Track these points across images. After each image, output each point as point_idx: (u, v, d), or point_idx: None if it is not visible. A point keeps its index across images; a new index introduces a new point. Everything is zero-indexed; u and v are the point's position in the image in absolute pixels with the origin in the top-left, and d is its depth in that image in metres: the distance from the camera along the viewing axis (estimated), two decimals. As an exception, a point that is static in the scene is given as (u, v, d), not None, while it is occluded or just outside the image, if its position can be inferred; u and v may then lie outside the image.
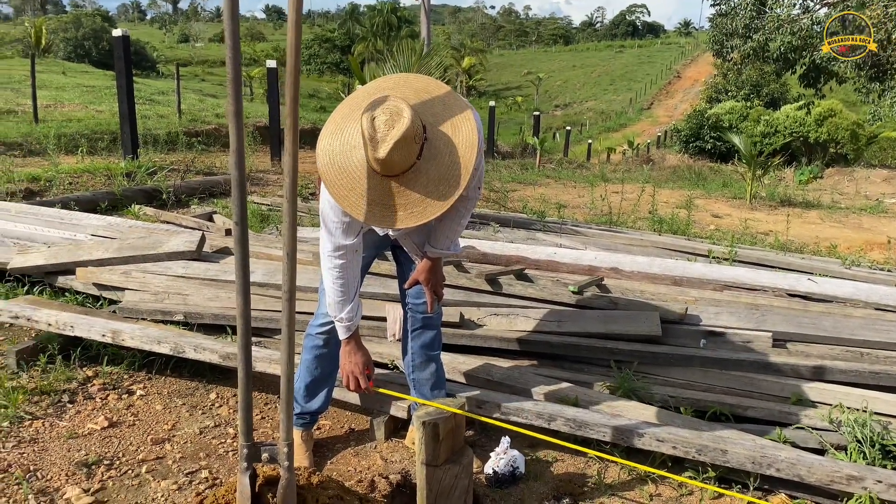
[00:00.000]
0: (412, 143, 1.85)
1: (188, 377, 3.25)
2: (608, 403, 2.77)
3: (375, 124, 1.84)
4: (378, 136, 1.83)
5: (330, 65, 66.85)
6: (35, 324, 3.26)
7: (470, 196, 2.31)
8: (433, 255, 2.39)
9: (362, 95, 2.04)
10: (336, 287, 2.27)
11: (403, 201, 1.93)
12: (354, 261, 2.27)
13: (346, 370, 2.39)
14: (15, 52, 41.17)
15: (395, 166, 1.87)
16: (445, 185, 1.93)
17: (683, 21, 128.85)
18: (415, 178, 1.91)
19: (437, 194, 1.92)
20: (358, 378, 2.39)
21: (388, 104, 1.86)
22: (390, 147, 1.82)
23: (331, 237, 2.21)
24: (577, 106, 64.48)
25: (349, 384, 2.41)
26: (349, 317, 2.30)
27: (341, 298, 2.28)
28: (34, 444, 2.63)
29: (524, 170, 16.21)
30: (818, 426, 2.70)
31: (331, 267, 2.25)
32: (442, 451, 2.24)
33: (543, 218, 7.10)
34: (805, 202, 12.77)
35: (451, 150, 1.94)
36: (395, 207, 1.93)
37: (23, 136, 10.46)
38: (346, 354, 2.39)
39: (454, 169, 1.93)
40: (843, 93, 29.88)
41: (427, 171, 1.92)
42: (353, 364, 2.37)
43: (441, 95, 2.03)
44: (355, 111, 1.98)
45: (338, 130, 1.99)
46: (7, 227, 4.80)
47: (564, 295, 3.62)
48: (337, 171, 1.95)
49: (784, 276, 4.27)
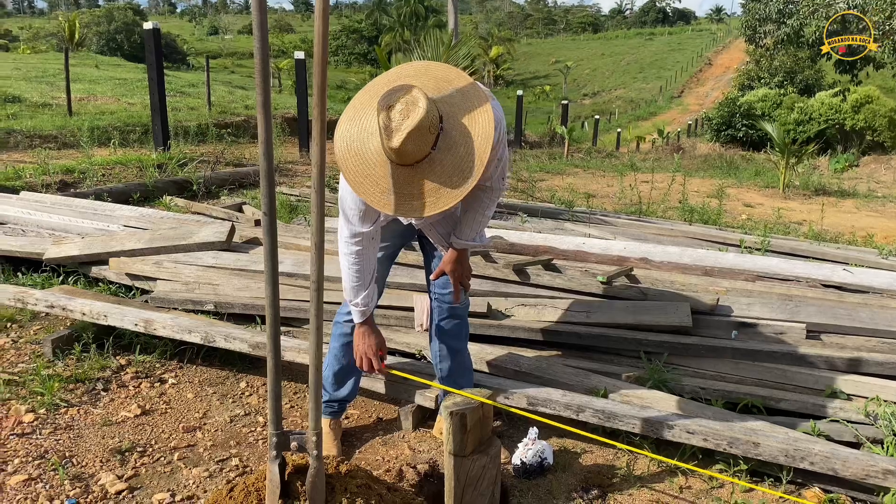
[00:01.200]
0: (426, 133, 1.84)
1: (219, 366, 3.29)
2: (638, 395, 2.74)
3: (391, 114, 1.83)
4: (392, 125, 1.82)
5: (357, 55, 66.99)
6: (70, 313, 3.32)
7: (495, 187, 2.30)
8: (459, 247, 2.39)
9: (382, 83, 2.03)
10: (352, 272, 2.30)
11: (417, 191, 1.92)
12: (371, 248, 2.29)
13: (360, 351, 2.43)
14: (49, 47, 41.90)
15: (408, 156, 1.86)
16: (459, 175, 1.92)
17: (715, 7, 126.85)
18: (429, 168, 1.90)
19: (450, 184, 1.91)
20: (371, 359, 2.42)
21: (405, 94, 1.86)
22: (403, 137, 1.81)
23: (348, 224, 2.23)
24: (605, 94, 63.83)
25: (362, 365, 2.45)
26: (364, 302, 2.34)
27: (357, 284, 2.31)
28: (69, 431, 2.68)
29: (552, 159, 16.11)
30: (853, 419, 2.65)
31: (347, 253, 2.28)
32: (470, 442, 2.24)
33: (572, 208, 7.05)
34: (840, 191, 12.52)
35: (466, 142, 1.92)
36: (408, 196, 1.93)
37: (57, 128, 10.65)
38: (360, 336, 2.42)
39: (469, 160, 1.92)
40: (881, 79, 29.16)
41: (442, 162, 1.91)
42: (367, 346, 2.41)
43: (462, 86, 2.02)
44: (374, 98, 1.96)
45: (356, 117, 1.99)
46: (42, 218, 4.89)
47: (593, 285, 3.59)
48: (353, 158, 1.96)
49: (818, 267, 4.18)
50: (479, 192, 2.31)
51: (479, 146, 1.93)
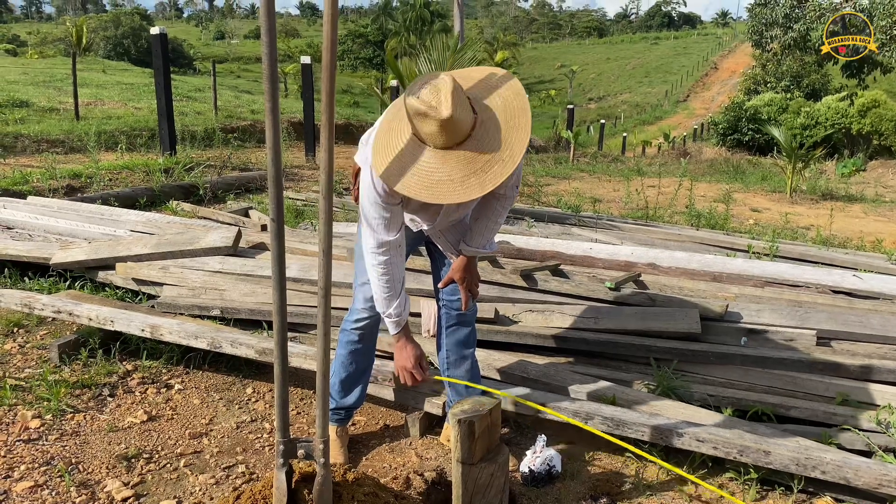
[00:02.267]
0: (463, 96, 1.85)
1: (225, 372, 3.28)
2: (647, 402, 2.72)
3: (422, 97, 1.83)
4: (433, 102, 1.82)
5: (363, 60, 67.08)
6: (77, 318, 3.32)
7: (508, 195, 2.29)
8: (469, 254, 2.37)
9: (400, 102, 2.04)
10: (382, 283, 2.25)
11: (488, 158, 1.88)
12: (398, 256, 2.25)
13: (399, 365, 2.39)
14: (57, 52, 42.12)
15: (461, 123, 1.84)
16: (513, 117, 1.91)
17: (721, 11, 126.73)
18: (483, 132, 1.89)
19: (512, 131, 1.90)
20: (412, 372, 2.39)
21: (421, 79, 1.88)
22: (450, 102, 1.80)
23: (373, 233, 2.19)
24: (611, 99, 63.78)
25: (405, 380, 2.40)
26: (397, 312, 2.30)
27: (388, 294, 2.27)
28: (76, 437, 2.67)
29: (558, 164, 16.10)
30: (865, 427, 2.62)
31: (375, 264, 2.23)
32: (478, 449, 2.22)
33: (578, 212, 7.03)
34: (848, 196, 12.46)
35: (496, 97, 1.94)
36: (485, 166, 1.89)
37: (65, 133, 10.69)
38: (398, 350, 2.39)
39: (509, 106, 1.92)
40: (888, 83, 29.04)
41: (491, 118, 1.90)
42: (406, 359, 2.38)
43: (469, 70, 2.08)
44: (392, 123, 2.00)
45: (388, 145, 1.98)
46: (49, 223, 4.90)
47: (601, 291, 3.57)
48: (413, 178, 1.93)
49: (828, 272, 4.15)
50: (493, 200, 2.30)
51: (510, 94, 1.95)
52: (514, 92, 1.96)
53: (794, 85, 31.88)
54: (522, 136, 1.90)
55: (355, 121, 17.71)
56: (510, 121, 1.91)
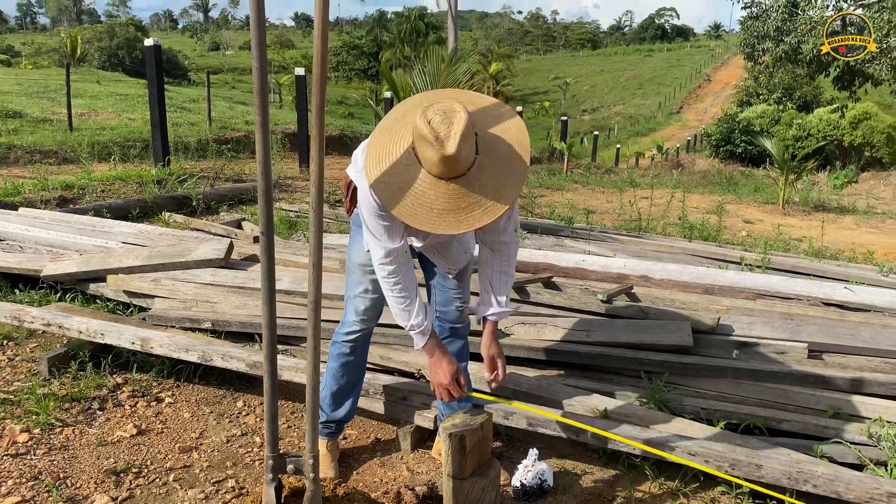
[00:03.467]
0: (472, 135, 1.86)
1: (216, 385, 3.26)
2: (638, 415, 2.72)
3: (433, 125, 1.83)
4: (441, 133, 1.82)
5: (358, 71, 67.23)
6: (66, 331, 3.30)
7: (509, 240, 2.29)
8: (499, 318, 2.36)
9: (392, 120, 2.04)
10: (395, 294, 2.21)
11: (475, 199, 1.89)
12: (406, 262, 2.22)
13: (436, 382, 2.31)
14: (51, 62, 42.11)
15: (462, 161, 1.85)
16: (509, 165, 1.93)
17: (713, 24, 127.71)
18: (478, 173, 1.90)
19: (506, 179, 1.91)
20: (449, 389, 2.30)
21: (437, 105, 1.87)
22: (458, 140, 1.81)
23: (379, 244, 2.17)
24: (605, 110, 64.07)
25: (443, 397, 2.33)
26: (419, 322, 2.23)
27: (404, 305, 2.22)
28: (64, 451, 2.65)
29: (552, 175, 16.14)
30: (856, 441, 2.62)
31: (385, 275, 2.20)
32: (469, 464, 2.21)
33: (571, 224, 7.04)
34: (840, 207, 12.53)
35: (501, 139, 1.95)
36: (467, 208, 1.90)
37: (58, 144, 10.66)
38: (433, 366, 2.31)
39: (513, 152, 1.94)
40: (879, 95, 29.27)
41: (489, 163, 1.91)
42: (441, 375, 2.29)
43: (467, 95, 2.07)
44: (392, 134, 1.99)
45: (383, 155, 1.97)
46: (41, 234, 4.88)
47: (593, 304, 3.57)
48: (400, 192, 1.92)
49: (819, 285, 4.17)
50: (485, 249, 2.30)
51: (515, 136, 1.96)
52: (518, 139, 1.96)
53: (786, 97, 32.13)
54: (514, 188, 1.92)
55: (349, 132, 17.72)
56: (507, 171, 1.92)
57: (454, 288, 2.48)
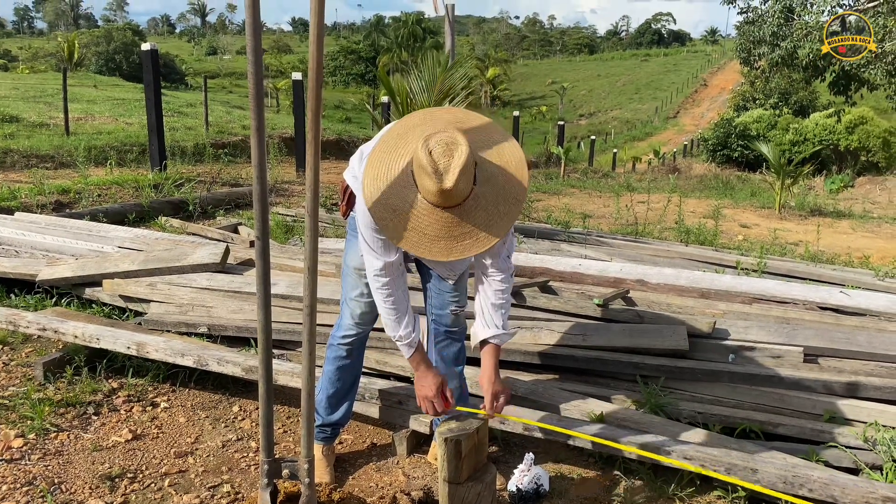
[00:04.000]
0: (471, 169, 1.86)
1: (212, 389, 3.25)
2: (634, 419, 2.72)
3: (434, 156, 1.82)
4: (440, 166, 1.82)
5: (355, 76, 67.39)
6: (62, 336, 3.30)
7: (503, 267, 2.28)
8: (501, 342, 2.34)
9: (392, 137, 2.04)
10: (387, 306, 2.23)
11: (467, 230, 1.91)
12: (399, 276, 2.24)
13: (421, 395, 2.34)
14: (48, 67, 42.11)
15: (458, 195, 1.86)
16: (504, 203, 1.93)
17: (710, 29, 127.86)
18: (475, 205, 1.91)
19: (498, 213, 1.93)
20: (433, 402, 2.32)
21: (440, 135, 1.86)
22: (456, 175, 1.81)
23: (375, 256, 2.17)
24: (601, 115, 64.22)
25: (427, 410, 2.35)
26: (407, 333, 2.26)
27: (395, 316, 2.24)
28: (59, 457, 2.64)
29: (548, 179, 16.16)
30: (852, 445, 2.63)
31: (378, 287, 2.21)
32: (465, 469, 2.21)
33: (568, 228, 7.05)
34: (836, 211, 12.57)
35: (501, 170, 1.95)
36: (460, 237, 1.92)
37: (54, 148, 10.66)
38: (418, 379, 2.33)
39: (510, 187, 1.94)
40: (874, 100, 29.33)
41: (485, 195, 1.91)
42: (426, 388, 2.31)
43: (476, 125, 2.05)
44: (391, 153, 1.98)
45: (381, 175, 1.97)
46: (36, 239, 4.87)
47: (589, 308, 3.57)
48: (393, 215, 1.93)
49: (815, 289, 4.17)
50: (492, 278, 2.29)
51: (515, 171, 1.96)
52: (517, 169, 1.96)
53: (782, 102, 32.23)
54: (508, 222, 1.93)
55: (346, 136, 17.73)
56: (503, 203, 1.93)
57: (450, 291, 2.48)
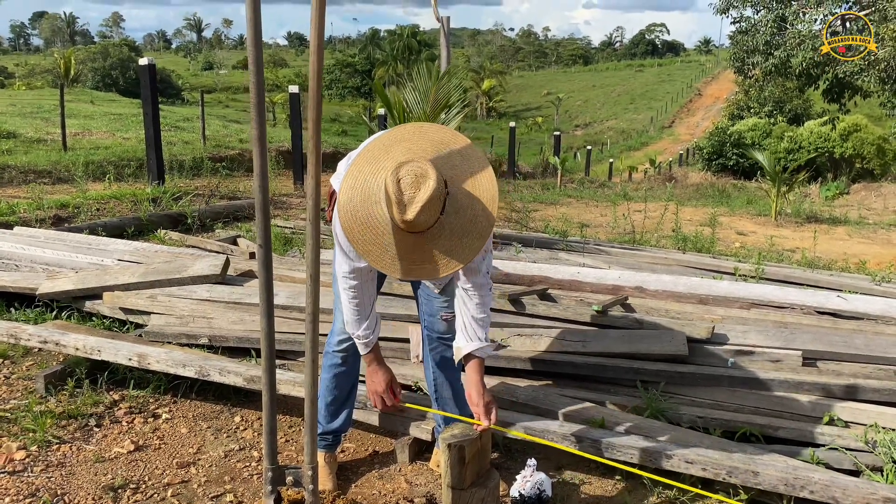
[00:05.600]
0: (437, 202, 1.87)
1: (213, 400, 3.26)
2: (635, 424, 2.73)
3: (401, 186, 1.84)
4: (405, 198, 1.83)
5: (351, 89, 67.63)
6: (63, 348, 3.30)
7: (482, 283, 2.28)
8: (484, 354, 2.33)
9: (378, 146, 2.06)
10: (352, 306, 2.32)
11: (428, 255, 1.94)
12: (370, 282, 2.32)
13: (371, 390, 2.45)
14: (45, 83, 42.21)
15: (420, 226, 1.88)
16: (469, 236, 1.94)
17: (703, 39, 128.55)
18: (439, 233, 1.92)
19: (461, 246, 1.94)
20: (383, 396, 2.44)
21: (411, 166, 1.87)
22: (418, 210, 1.83)
23: (347, 260, 2.24)
24: (597, 125, 64.45)
25: (377, 404, 2.47)
26: (366, 333, 2.35)
27: (357, 317, 2.33)
28: (61, 469, 2.65)
29: (545, 189, 16.20)
30: (852, 447, 2.64)
31: (346, 287, 2.30)
32: (468, 474, 2.22)
33: (566, 237, 7.07)
34: (832, 218, 12.61)
35: (473, 204, 1.95)
36: (420, 261, 1.95)
37: (52, 163, 10.66)
38: (370, 375, 2.44)
39: (478, 221, 1.95)
40: (868, 107, 29.52)
41: (451, 225, 1.93)
42: (377, 383, 2.43)
43: (460, 148, 2.04)
44: (372, 164, 2.00)
45: (356, 185, 1.99)
46: (36, 253, 4.88)
47: (588, 315, 3.59)
48: (360, 226, 1.96)
49: (813, 294, 4.20)
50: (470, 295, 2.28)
51: (486, 206, 1.96)
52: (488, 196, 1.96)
53: (776, 110, 32.38)
54: (472, 250, 1.94)
55: (343, 149, 17.74)
56: (469, 232, 1.93)
57: (439, 298, 2.50)
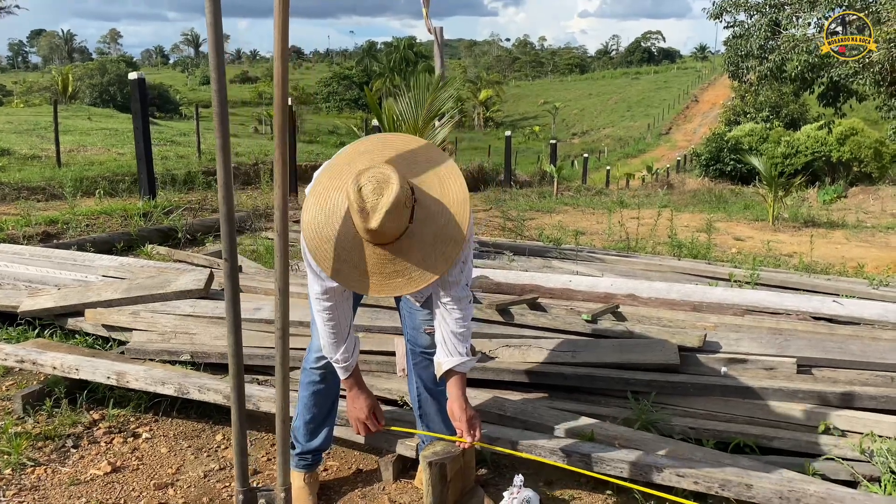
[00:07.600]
0: (403, 208, 1.79)
1: (195, 418, 3.18)
2: (626, 437, 2.65)
3: (363, 194, 1.77)
4: (368, 206, 1.76)
5: (348, 101, 67.78)
6: (41, 367, 3.23)
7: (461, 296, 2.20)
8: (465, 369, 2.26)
9: (342, 161, 1.99)
10: (328, 329, 2.20)
11: (400, 267, 1.86)
12: (343, 301, 2.19)
13: (353, 416, 2.36)
14: (43, 100, 42.25)
15: (387, 235, 1.81)
16: (443, 244, 1.86)
17: (699, 46, 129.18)
18: (409, 243, 1.85)
19: (434, 254, 1.86)
20: (366, 423, 2.36)
21: (373, 171, 1.80)
22: (382, 216, 1.75)
23: (318, 280, 2.11)
24: (594, 133, 64.57)
25: (359, 430, 2.38)
26: (344, 357, 2.24)
27: (334, 340, 2.21)
28: (34, 493, 2.57)
29: (542, 198, 16.16)
30: (849, 456, 2.56)
31: (320, 309, 2.18)
32: (451, 493, 2.15)
33: (560, 245, 7.01)
34: (829, 222, 12.56)
35: (443, 210, 1.88)
36: (391, 275, 1.87)
37: (45, 180, 10.62)
38: (351, 400, 2.35)
39: (450, 227, 1.87)
40: (864, 111, 29.53)
41: (421, 234, 1.85)
42: (359, 410, 2.35)
43: (425, 153, 1.98)
44: (335, 179, 1.93)
45: (319, 202, 1.92)
46: (20, 270, 4.81)
47: (578, 324, 3.52)
48: (326, 244, 1.89)
49: (808, 299, 4.13)
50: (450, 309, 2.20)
51: (457, 211, 1.88)
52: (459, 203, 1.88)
53: (773, 115, 32.44)
54: (445, 260, 1.86)
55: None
56: (441, 241, 1.86)
57: (421, 311, 2.42)
